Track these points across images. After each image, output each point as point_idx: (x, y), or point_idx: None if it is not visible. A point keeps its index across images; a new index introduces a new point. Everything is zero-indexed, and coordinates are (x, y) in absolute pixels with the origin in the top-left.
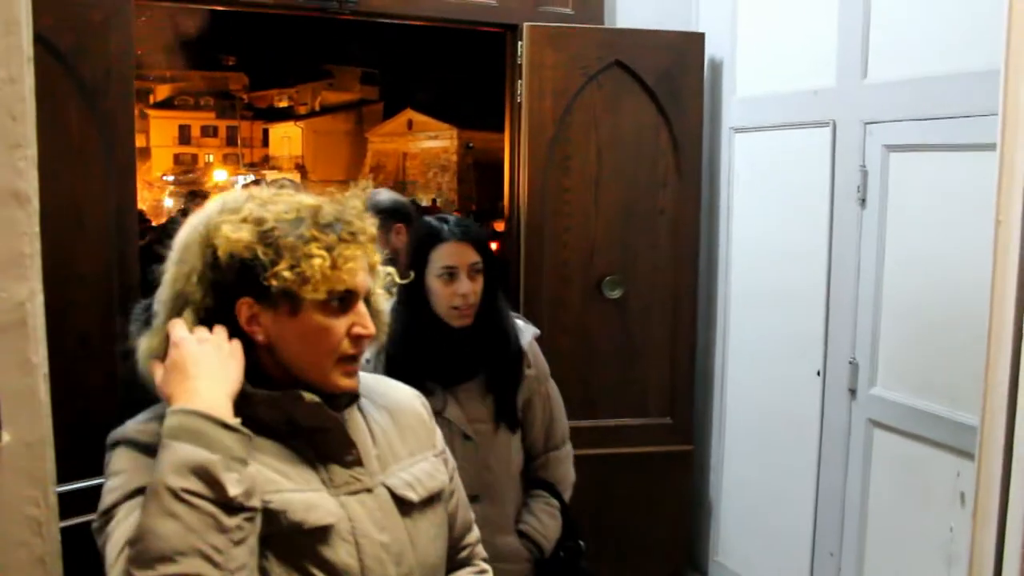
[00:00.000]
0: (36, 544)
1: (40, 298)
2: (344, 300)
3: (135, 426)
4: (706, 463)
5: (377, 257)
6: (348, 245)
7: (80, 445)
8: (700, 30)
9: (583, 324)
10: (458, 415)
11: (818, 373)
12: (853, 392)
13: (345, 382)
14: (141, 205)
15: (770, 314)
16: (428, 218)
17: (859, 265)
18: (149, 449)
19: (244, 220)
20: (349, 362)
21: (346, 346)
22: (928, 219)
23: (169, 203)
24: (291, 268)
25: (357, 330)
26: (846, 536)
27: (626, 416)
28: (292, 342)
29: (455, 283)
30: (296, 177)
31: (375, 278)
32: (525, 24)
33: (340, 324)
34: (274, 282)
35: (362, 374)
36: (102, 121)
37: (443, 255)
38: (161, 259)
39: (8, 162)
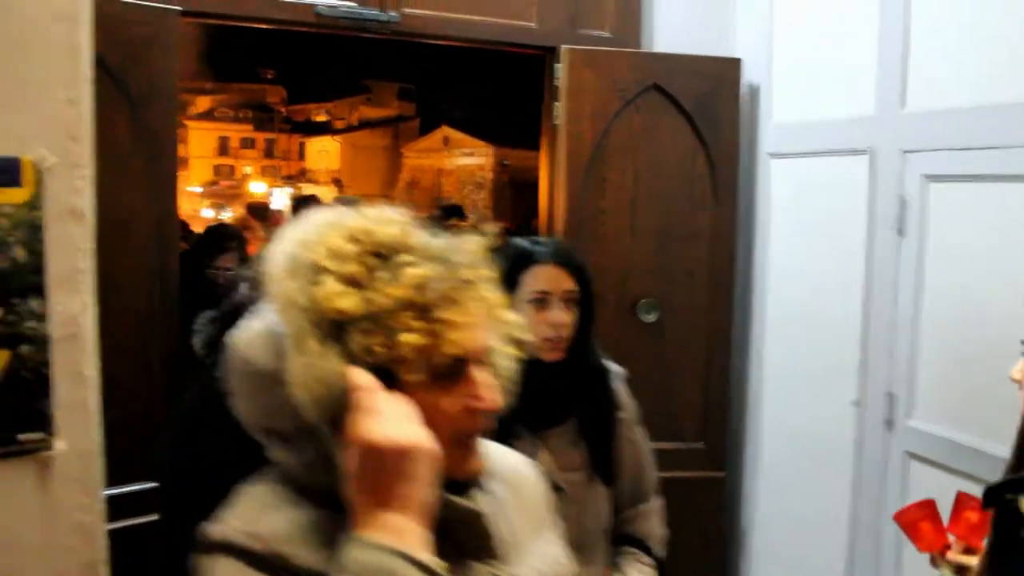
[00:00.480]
0: (85, 550)
1: (92, 312)
2: (453, 371)
3: (243, 526)
4: (738, 491)
5: (499, 302)
6: (454, 305)
7: (120, 451)
8: (737, 55)
9: (617, 347)
10: (549, 464)
11: (854, 403)
12: (890, 423)
13: (470, 466)
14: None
15: (805, 342)
16: (520, 239)
17: (897, 295)
18: (265, 563)
19: (352, 280)
20: (469, 441)
21: (463, 424)
22: (968, 250)
23: (208, 213)
24: (381, 341)
25: (473, 404)
26: (882, 571)
27: (658, 440)
28: None
29: (547, 311)
30: (332, 191)
31: (496, 328)
32: (563, 47)
33: (450, 401)
34: (366, 358)
35: None
36: (146, 134)
37: (536, 279)
38: (202, 266)
39: (67, 181)
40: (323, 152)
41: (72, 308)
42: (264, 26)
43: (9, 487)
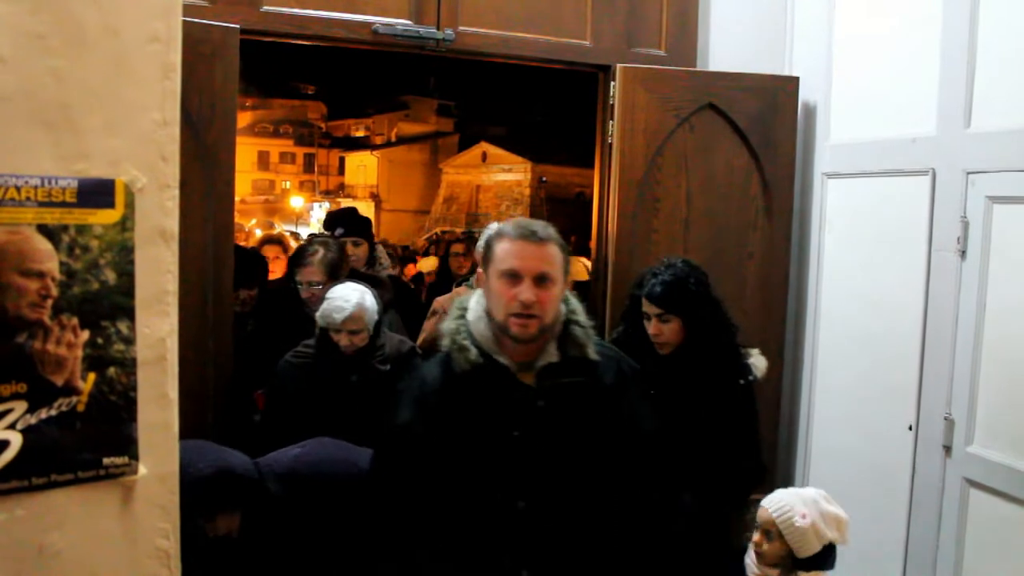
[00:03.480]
0: None
1: (176, 335)
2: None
3: None
4: None
5: None
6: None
7: None
8: (794, 74)
9: None
10: None
11: (910, 427)
12: (948, 449)
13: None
14: None
15: (860, 364)
16: None
17: (957, 317)
18: None
19: None
20: None
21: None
22: None
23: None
24: None
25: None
26: None
27: None
28: None
29: None
30: (370, 206)
31: None
32: (618, 65)
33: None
34: None
35: None
36: (205, 152)
37: None
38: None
39: (158, 202)
40: (361, 167)
41: (160, 330)
42: (322, 44)
43: (93, 513)
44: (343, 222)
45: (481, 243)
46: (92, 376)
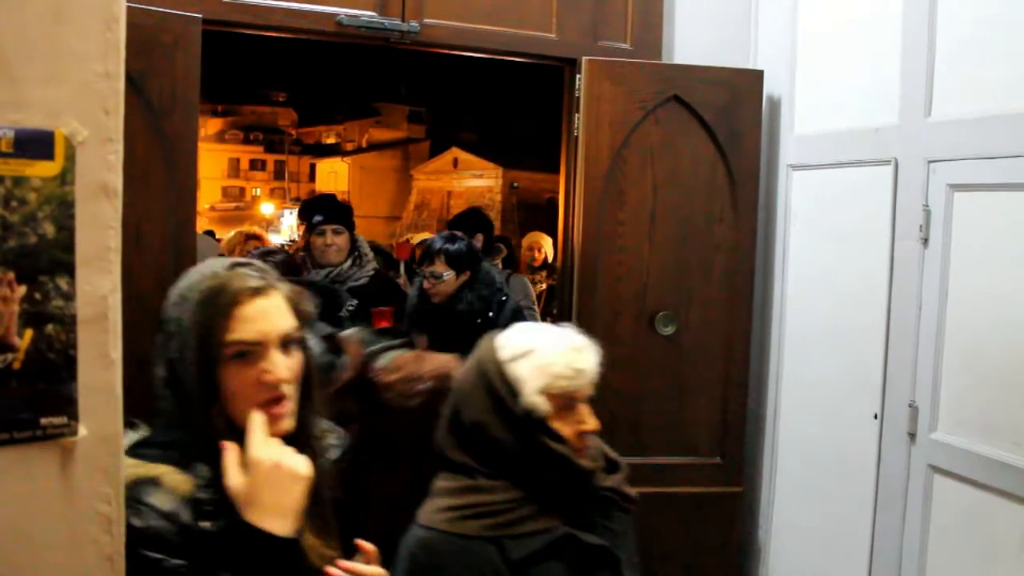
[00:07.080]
0: (106, 542)
1: (119, 294)
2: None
3: None
4: (756, 506)
5: None
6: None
7: None
8: (759, 66)
9: (634, 359)
10: None
11: (875, 416)
12: (912, 436)
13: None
14: None
15: (826, 354)
16: None
17: (920, 305)
18: None
19: None
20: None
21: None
22: (994, 259)
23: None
24: None
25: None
26: None
27: (675, 454)
28: None
29: None
30: None
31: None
32: (584, 58)
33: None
34: None
35: None
36: (166, 142)
37: None
38: None
39: (100, 155)
40: (332, 173)
41: (101, 288)
42: (284, 35)
43: (30, 474)
44: (322, 209)
45: None
46: (29, 333)
